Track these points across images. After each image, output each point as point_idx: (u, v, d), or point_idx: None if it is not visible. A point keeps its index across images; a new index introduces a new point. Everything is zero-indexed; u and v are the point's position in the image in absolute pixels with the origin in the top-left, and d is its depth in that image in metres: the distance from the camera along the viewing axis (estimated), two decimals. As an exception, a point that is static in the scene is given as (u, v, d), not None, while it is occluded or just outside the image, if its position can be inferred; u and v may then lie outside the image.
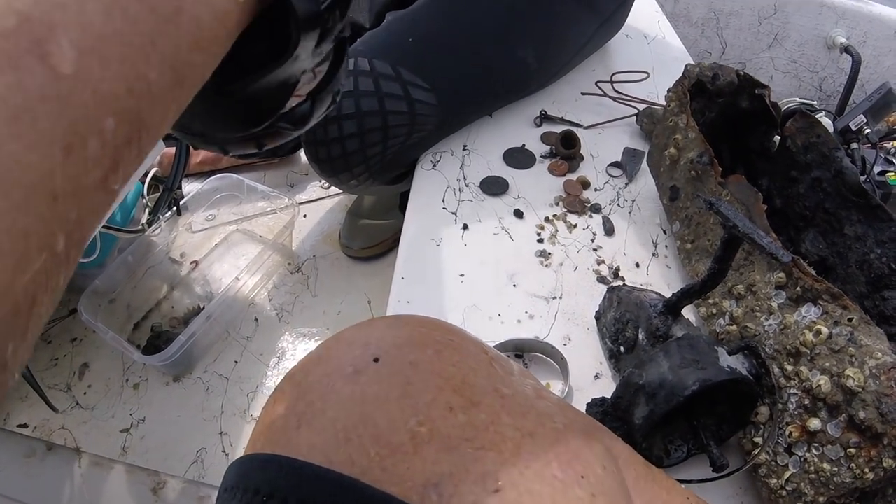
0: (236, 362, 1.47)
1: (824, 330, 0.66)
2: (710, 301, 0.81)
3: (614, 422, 0.70)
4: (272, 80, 0.34)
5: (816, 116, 2.01)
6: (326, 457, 0.37)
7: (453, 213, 1.01)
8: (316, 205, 1.89)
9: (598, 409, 0.72)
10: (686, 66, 0.97)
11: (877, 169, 1.88)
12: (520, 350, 0.82)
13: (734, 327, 0.76)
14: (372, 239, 1.72)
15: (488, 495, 0.36)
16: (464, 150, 1.14)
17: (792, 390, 0.68)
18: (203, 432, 1.33)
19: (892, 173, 1.89)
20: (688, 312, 0.84)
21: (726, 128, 1.02)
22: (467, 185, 1.06)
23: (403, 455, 0.37)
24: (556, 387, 0.80)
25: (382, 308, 1.39)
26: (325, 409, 0.39)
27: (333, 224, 1.85)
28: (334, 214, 1.89)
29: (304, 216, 1.86)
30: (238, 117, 0.36)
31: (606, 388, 0.78)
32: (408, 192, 1.10)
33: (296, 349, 1.52)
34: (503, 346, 0.81)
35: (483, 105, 1.20)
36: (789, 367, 0.69)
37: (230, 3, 0.29)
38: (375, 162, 1.09)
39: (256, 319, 1.57)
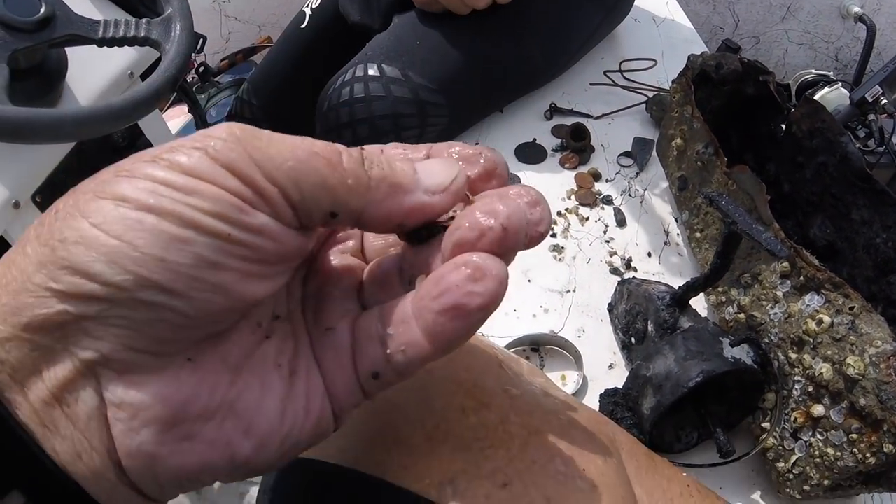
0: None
1: (826, 319, 0.69)
2: (720, 290, 0.84)
3: (625, 412, 0.73)
4: None
5: (833, 88, 2.01)
6: (355, 459, 0.41)
7: (468, 210, 1.04)
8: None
9: (611, 399, 0.75)
10: (689, 56, 0.99)
11: (896, 139, 1.88)
12: (536, 344, 0.85)
13: (742, 316, 0.79)
14: None
15: (498, 489, 0.39)
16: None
17: (796, 377, 0.71)
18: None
19: (912, 141, 1.89)
20: (699, 300, 0.86)
21: (733, 114, 1.04)
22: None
23: (421, 455, 0.40)
24: (572, 377, 0.83)
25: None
26: (352, 416, 0.43)
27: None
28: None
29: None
30: None
31: (620, 377, 0.81)
32: None
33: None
34: (519, 342, 0.84)
35: (492, 102, 1.22)
36: (793, 356, 0.71)
37: None
38: None
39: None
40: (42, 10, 0.87)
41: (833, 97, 1.93)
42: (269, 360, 0.30)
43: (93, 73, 1.05)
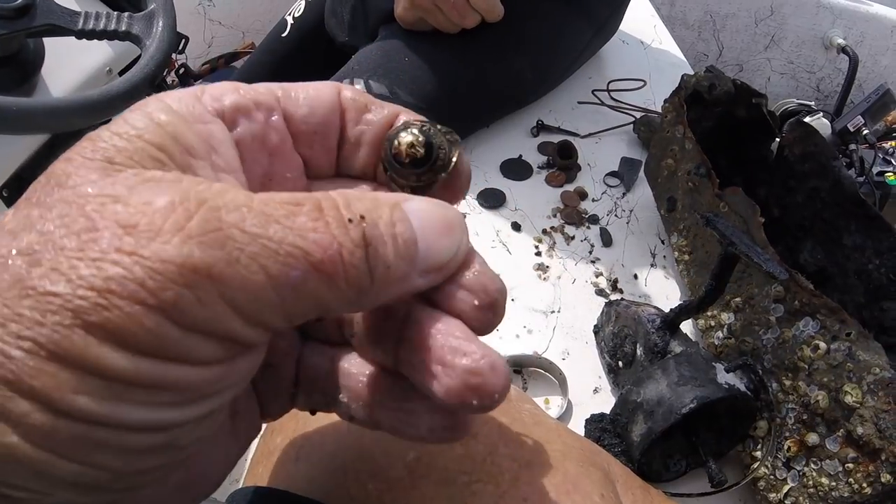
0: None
1: (822, 345, 0.66)
2: (709, 313, 0.81)
3: (613, 438, 0.70)
4: None
5: (814, 118, 2.02)
6: (324, 491, 0.37)
7: (451, 226, 1.01)
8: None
9: (598, 425, 0.72)
10: (683, 76, 0.97)
11: (875, 169, 1.88)
12: (518, 366, 0.83)
13: (732, 341, 0.77)
14: None
15: None
16: (461, 161, 1.14)
17: (790, 405, 0.69)
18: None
19: (891, 173, 1.89)
20: (686, 324, 0.84)
21: (724, 137, 1.02)
22: (465, 198, 1.06)
23: (401, 490, 0.37)
24: (556, 402, 0.80)
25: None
26: (324, 443, 0.39)
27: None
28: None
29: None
30: None
31: (606, 402, 0.78)
32: None
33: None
34: (502, 362, 0.81)
35: (480, 118, 1.20)
36: (787, 382, 0.69)
37: None
38: None
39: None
40: None
41: (815, 126, 1.93)
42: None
43: (69, 67, 1.02)
